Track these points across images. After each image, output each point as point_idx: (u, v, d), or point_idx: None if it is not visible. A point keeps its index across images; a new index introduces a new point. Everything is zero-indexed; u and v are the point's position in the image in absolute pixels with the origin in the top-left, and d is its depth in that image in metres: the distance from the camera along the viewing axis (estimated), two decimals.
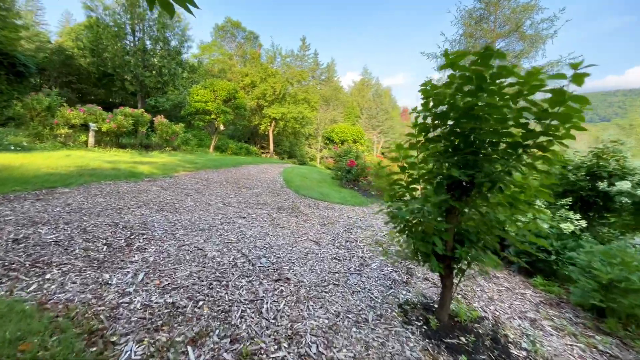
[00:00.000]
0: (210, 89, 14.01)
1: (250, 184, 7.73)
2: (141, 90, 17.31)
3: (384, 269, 3.36)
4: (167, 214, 4.19)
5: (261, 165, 13.54)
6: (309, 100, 21.14)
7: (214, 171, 9.16)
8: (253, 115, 22.63)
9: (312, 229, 4.57)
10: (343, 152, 11.16)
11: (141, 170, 7.06)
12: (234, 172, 9.59)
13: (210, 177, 7.79)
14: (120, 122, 9.41)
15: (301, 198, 6.94)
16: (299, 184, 8.74)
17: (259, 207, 5.38)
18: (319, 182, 9.84)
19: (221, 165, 10.81)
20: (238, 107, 15.17)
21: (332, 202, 7.06)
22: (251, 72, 20.11)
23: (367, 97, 63.28)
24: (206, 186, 6.56)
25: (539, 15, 19.97)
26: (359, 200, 7.92)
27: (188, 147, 13.11)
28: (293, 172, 11.58)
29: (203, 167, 9.60)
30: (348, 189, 9.28)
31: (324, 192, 7.99)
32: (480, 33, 21.67)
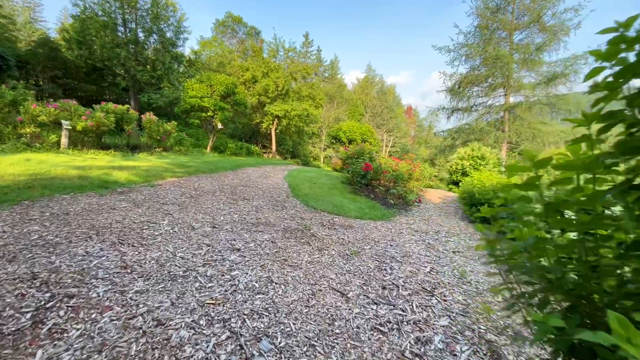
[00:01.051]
0: (206, 84, 12.74)
1: (249, 193, 6.45)
2: (134, 86, 16.07)
3: (456, 348, 2.07)
4: (126, 249, 2.92)
5: (263, 167, 12.26)
6: (314, 97, 19.80)
7: (208, 176, 7.89)
8: (254, 112, 21.34)
9: (332, 265, 3.28)
10: (355, 153, 9.86)
11: (116, 178, 5.79)
12: (232, 177, 8.32)
13: (202, 185, 6.52)
14: (99, 119, 8.16)
15: (311, 212, 5.65)
16: (307, 191, 7.45)
17: (260, 230, 4.09)
18: (330, 188, 8.55)
19: (217, 168, 9.53)
20: (237, 104, 13.88)
21: (349, 217, 5.78)
22: (252, 67, 18.78)
23: (371, 95, 61.93)
24: (194, 198, 5.28)
25: (562, 5, 18.43)
26: (379, 212, 6.63)
27: (182, 148, 11.85)
28: (299, 176, 10.30)
29: (196, 171, 8.34)
30: (363, 197, 7.99)
31: (337, 203, 6.70)
32: (496, 24, 20.21)
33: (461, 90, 20.97)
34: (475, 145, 14.18)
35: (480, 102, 21.34)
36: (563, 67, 17.66)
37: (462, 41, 20.85)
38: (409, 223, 6.10)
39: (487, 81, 20.08)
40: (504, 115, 20.20)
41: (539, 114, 18.40)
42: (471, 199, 6.69)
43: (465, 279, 3.42)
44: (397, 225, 5.70)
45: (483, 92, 20.68)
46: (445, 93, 22.38)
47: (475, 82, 20.33)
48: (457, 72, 21.15)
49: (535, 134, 19.10)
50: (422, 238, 4.95)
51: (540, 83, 18.01)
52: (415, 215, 7.15)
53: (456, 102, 21.56)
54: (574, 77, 17.49)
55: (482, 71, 20.47)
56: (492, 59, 18.77)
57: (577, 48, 18.92)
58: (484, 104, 21.55)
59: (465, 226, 6.38)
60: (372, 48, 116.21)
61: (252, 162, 13.36)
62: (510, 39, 19.92)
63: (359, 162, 8.87)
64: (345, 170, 9.65)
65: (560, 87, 18.23)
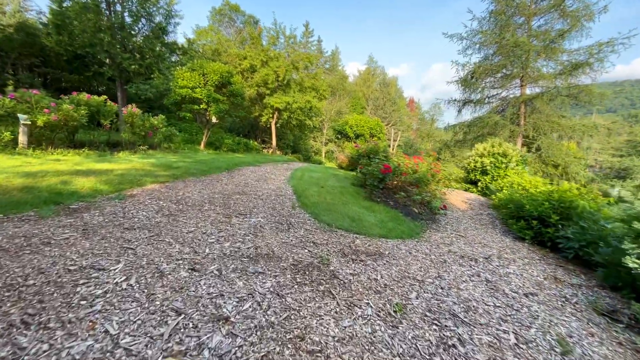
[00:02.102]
0: (199, 72, 11.39)
1: (246, 204, 5.21)
2: (120, 75, 14.66)
3: None
4: (25, 340, 1.69)
5: (263, 166, 11.00)
6: (317, 88, 18.40)
7: (198, 181, 6.64)
8: (253, 105, 19.96)
9: (373, 343, 2.08)
10: (368, 152, 8.61)
11: (76, 188, 4.55)
12: (226, 181, 7.06)
13: (188, 195, 5.27)
14: (67, 112, 6.86)
15: (325, 230, 4.43)
16: (315, 199, 6.22)
17: (260, 271, 2.87)
18: (340, 193, 7.32)
19: (210, 169, 8.28)
20: (234, 95, 12.54)
21: (373, 236, 4.58)
22: (250, 55, 17.32)
23: (372, 87, 60.45)
24: (173, 217, 4.05)
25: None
26: (405, 226, 5.42)
27: (172, 145, 10.57)
28: (304, 177, 9.05)
29: (184, 174, 7.08)
30: (381, 204, 6.76)
31: (353, 215, 5.48)
32: (513, 10, 18.73)
33: (474, 81, 19.59)
34: (495, 141, 12.91)
35: (494, 94, 19.99)
36: (587, 55, 16.29)
37: (476, 27, 19.39)
38: (445, 242, 4.89)
39: (503, 71, 18.69)
40: (519, 107, 18.88)
41: (560, 106, 17.06)
42: (518, 210, 5.46)
43: (571, 356, 2.24)
44: (434, 248, 4.49)
45: (498, 82, 19.31)
46: (455, 84, 20.98)
47: (490, 72, 18.93)
48: (469, 62, 19.74)
49: (554, 127, 17.82)
50: (474, 269, 3.75)
51: (562, 73, 16.64)
52: (447, 228, 5.94)
53: (468, 93, 20.20)
54: (599, 66, 16.14)
55: (497, 60, 19.08)
56: (510, 47, 17.36)
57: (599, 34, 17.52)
58: (497, 95, 20.22)
59: (512, 244, 5.18)
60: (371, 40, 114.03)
61: (251, 160, 12.09)
62: (529, 25, 18.47)
63: (374, 162, 7.62)
64: (358, 171, 8.40)
65: (582, 77, 16.91)
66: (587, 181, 23.45)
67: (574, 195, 4.78)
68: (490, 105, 20.11)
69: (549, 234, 4.96)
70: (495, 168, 12.22)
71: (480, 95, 19.74)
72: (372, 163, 7.56)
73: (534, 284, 3.61)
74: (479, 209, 8.40)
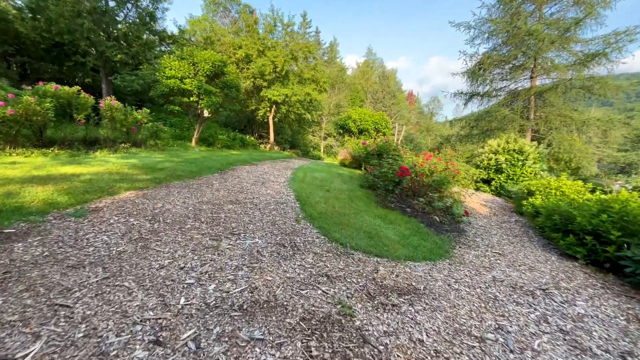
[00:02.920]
0: (188, 61, 10.32)
1: (240, 217, 4.27)
2: (104, 66, 13.52)
3: None
4: None
5: (260, 165, 10.03)
6: (317, 80, 17.32)
7: (184, 186, 5.67)
8: (249, 98, 18.86)
9: None
10: (379, 150, 7.69)
11: (24, 201, 3.59)
12: (217, 185, 6.10)
13: (169, 206, 4.32)
14: (27, 105, 5.83)
15: (339, 255, 3.53)
16: (322, 207, 5.31)
17: (255, 338, 1.95)
18: (350, 198, 6.41)
19: (200, 170, 7.32)
20: (228, 86, 11.48)
21: (397, 259, 3.70)
22: (245, 44, 16.16)
23: (371, 80, 59.33)
24: (144, 241, 3.11)
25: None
26: (430, 241, 4.55)
27: (159, 142, 9.56)
28: (306, 178, 8.12)
29: (169, 177, 6.13)
30: (396, 211, 5.87)
31: (369, 229, 4.58)
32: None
33: (482, 73, 18.61)
34: (510, 136, 12.03)
35: (502, 87, 19.04)
36: (604, 44, 15.34)
37: (485, 16, 18.34)
38: (484, 264, 4.01)
39: (513, 62, 17.71)
40: (529, 101, 17.98)
41: (575, 99, 16.17)
42: (565, 222, 4.58)
43: None
44: (475, 274, 3.61)
45: (507, 74, 18.35)
46: (461, 76, 20.02)
47: (499, 63, 17.96)
48: (478, 52, 18.74)
49: (566, 121, 16.96)
50: (538, 311, 2.87)
51: (576, 64, 15.71)
52: (477, 242, 5.06)
53: (476, 86, 19.23)
54: (616, 56, 15.20)
55: (506, 50, 18.09)
56: (522, 36, 16.36)
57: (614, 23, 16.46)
58: (505, 88, 19.27)
59: (561, 264, 4.31)
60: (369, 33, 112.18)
61: (247, 158, 11.11)
62: (540, 13, 17.45)
63: (386, 162, 6.70)
64: (367, 171, 7.50)
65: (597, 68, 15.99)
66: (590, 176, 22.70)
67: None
68: (498, 99, 19.17)
69: (607, 253, 4.09)
70: (511, 166, 11.36)
71: (489, 88, 18.79)
72: (385, 164, 6.63)
73: (619, 330, 2.74)
74: (503, 214, 7.53)
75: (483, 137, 19.95)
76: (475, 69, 18.39)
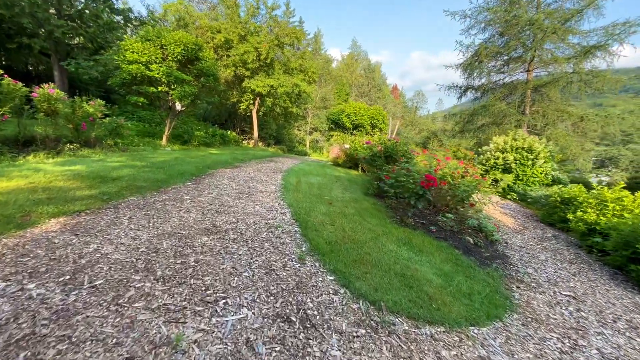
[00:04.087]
0: (155, 43, 8.58)
1: (217, 264, 2.87)
2: (56, 49, 11.43)
3: None
4: None
5: (244, 166, 8.55)
6: (305, 70, 15.79)
7: (142, 204, 4.18)
8: (230, 89, 17.08)
9: None
10: (387, 151, 6.44)
11: None
12: (189, 201, 4.64)
13: (107, 248, 2.85)
14: None
15: (376, 331, 2.24)
16: (330, 232, 4.00)
17: None
18: (358, 213, 5.14)
19: (170, 176, 5.81)
20: (204, 74, 9.80)
21: (456, 326, 2.47)
22: (225, 28, 14.33)
23: (356, 73, 58.24)
24: (34, 343, 1.69)
25: None
26: (480, 281, 3.39)
27: (120, 141, 7.86)
28: (300, 184, 6.76)
29: (124, 189, 4.62)
30: (419, 231, 4.66)
31: (401, 268, 3.33)
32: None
33: (479, 65, 17.72)
34: (517, 133, 11.14)
35: (499, 79, 18.27)
36: (606, 35, 14.72)
37: (482, 4, 17.38)
38: (568, 322, 2.85)
39: (512, 54, 16.91)
40: (526, 94, 17.30)
41: (576, 93, 15.57)
42: None
43: None
44: (570, 346, 2.43)
45: (504, 67, 17.57)
46: (455, 69, 19.12)
47: (496, 54, 17.11)
48: (474, 43, 17.82)
49: (563, 116, 16.42)
50: None
51: (577, 55, 15.05)
52: (534, 277, 3.92)
53: (471, 79, 18.36)
54: (617, 49, 14.64)
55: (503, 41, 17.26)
56: (521, 26, 15.52)
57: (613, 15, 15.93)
58: (501, 81, 18.52)
59: None
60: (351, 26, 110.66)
61: (229, 158, 9.58)
62: (538, 2, 16.67)
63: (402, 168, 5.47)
64: (385, 182, 6.26)
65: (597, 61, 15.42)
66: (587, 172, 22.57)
67: None
68: (494, 92, 18.40)
69: None
70: (521, 166, 10.46)
71: (486, 80, 17.94)
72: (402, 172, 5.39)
73: None
74: (532, 225, 6.50)
75: (478, 133, 19.24)
76: (472, 60, 17.48)
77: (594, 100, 63.01)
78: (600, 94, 17.02)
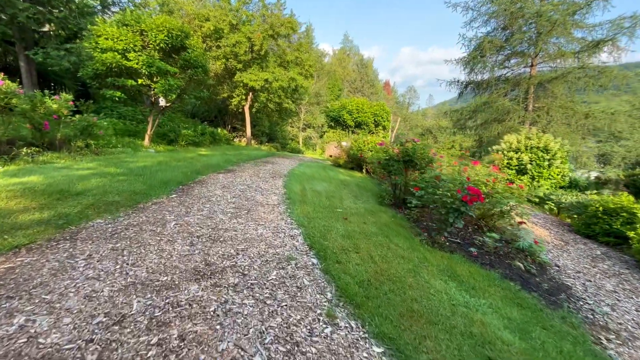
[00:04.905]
0: (134, 28, 7.43)
1: (212, 335, 1.93)
2: (22, 37, 10.10)
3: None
4: None
5: (238, 170, 7.54)
6: (301, 63, 14.73)
7: (108, 231, 3.18)
8: (220, 84, 15.90)
9: None
10: (408, 155, 5.58)
11: None
12: (172, 224, 3.65)
13: (38, 321, 1.88)
14: None
15: None
16: (357, 265, 3.11)
17: None
18: (381, 229, 4.27)
19: (151, 187, 4.81)
20: (191, 65, 8.69)
21: None
22: (214, 15, 13.12)
23: (349, 68, 57.35)
24: None
25: None
26: (567, 335, 2.53)
27: (93, 142, 6.74)
28: (306, 193, 5.84)
29: (89, 207, 3.62)
30: (457, 255, 3.82)
31: (459, 318, 2.46)
32: None
33: (481, 59, 17.02)
34: (532, 132, 10.47)
35: (502, 74, 17.63)
36: (612, 29, 14.19)
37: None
38: None
39: (516, 48, 16.26)
40: (529, 90, 16.72)
41: (584, 89, 15.04)
42: None
43: None
44: None
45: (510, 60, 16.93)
46: (455, 64, 18.40)
47: (501, 48, 16.45)
48: (477, 35, 17.11)
49: (568, 114, 15.90)
50: None
51: (586, 49, 14.49)
52: (617, 322, 3.13)
53: (475, 73, 17.67)
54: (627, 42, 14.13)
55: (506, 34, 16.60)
56: (528, 17, 14.86)
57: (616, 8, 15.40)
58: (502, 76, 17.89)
59: None
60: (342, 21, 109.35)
61: (220, 160, 8.56)
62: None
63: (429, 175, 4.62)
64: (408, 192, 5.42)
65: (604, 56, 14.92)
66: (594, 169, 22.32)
67: None
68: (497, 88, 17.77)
69: None
70: (537, 167, 9.78)
71: (489, 75, 17.28)
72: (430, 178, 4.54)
73: None
74: (570, 238, 5.75)
75: (479, 130, 18.63)
76: (476, 54, 16.75)
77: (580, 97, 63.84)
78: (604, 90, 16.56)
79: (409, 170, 5.92)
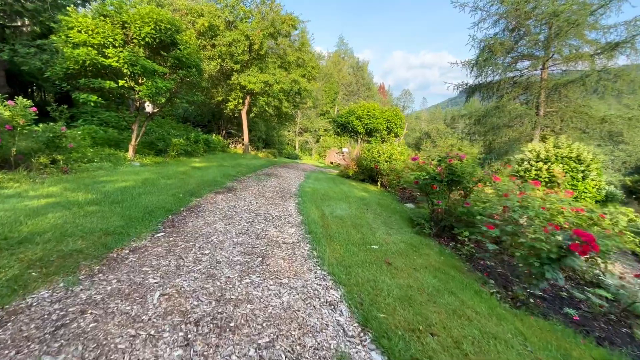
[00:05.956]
0: (114, 19, 6.21)
1: None
2: None
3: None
4: None
5: (241, 190, 6.34)
6: (303, 65, 13.63)
7: (52, 318, 1.98)
8: (214, 86, 14.67)
9: None
10: (455, 174, 4.51)
11: None
12: (158, 295, 2.45)
13: None
14: None
15: None
16: None
17: None
18: (436, 277, 3.17)
19: (130, 221, 3.61)
20: (183, 65, 7.47)
21: None
22: (209, 11, 11.89)
23: (344, 72, 56.69)
24: None
25: None
26: None
27: (61, 158, 5.48)
28: (329, 222, 4.68)
29: (34, 266, 2.39)
30: (557, 323, 2.74)
31: None
32: None
33: (489, 61, 16.19)
34: (561, 139, 9.56)
35: (511, 77, 16.84)
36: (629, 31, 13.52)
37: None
38: None
39: (530, 49, 15.49)
40: (541, 94, 15.94)
41: (602, 93, 14.31)
42: None
43: None
44: None
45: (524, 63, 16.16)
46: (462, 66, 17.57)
47: (511, 49, 15.66)
48: (487, 36, 16.30)
49: (582, 119, 15.16)
50: None
51: (601, 52, 13.77)
52: None
53: (484, 76, 16.83)
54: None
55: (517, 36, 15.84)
56: (542, 18, 14.08)
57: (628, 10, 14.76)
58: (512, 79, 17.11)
59: None
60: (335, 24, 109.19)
61: (217, 174, 7.36)
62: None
63: (515, 211, 3.56)
64: (487, 236, 4.34)
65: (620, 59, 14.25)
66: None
67: None
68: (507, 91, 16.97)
69: None
70: (570, 179, 8.83)
71: (500, 77, 16.46)
72: (514, 212, 3.47)
73: None
74: None
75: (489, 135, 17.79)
76: (487, 55, 15.91)
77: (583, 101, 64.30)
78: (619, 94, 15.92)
79: (452, 191, 4.85)
